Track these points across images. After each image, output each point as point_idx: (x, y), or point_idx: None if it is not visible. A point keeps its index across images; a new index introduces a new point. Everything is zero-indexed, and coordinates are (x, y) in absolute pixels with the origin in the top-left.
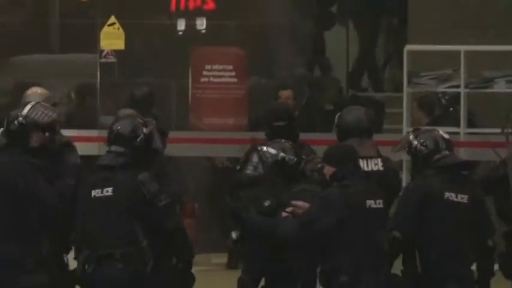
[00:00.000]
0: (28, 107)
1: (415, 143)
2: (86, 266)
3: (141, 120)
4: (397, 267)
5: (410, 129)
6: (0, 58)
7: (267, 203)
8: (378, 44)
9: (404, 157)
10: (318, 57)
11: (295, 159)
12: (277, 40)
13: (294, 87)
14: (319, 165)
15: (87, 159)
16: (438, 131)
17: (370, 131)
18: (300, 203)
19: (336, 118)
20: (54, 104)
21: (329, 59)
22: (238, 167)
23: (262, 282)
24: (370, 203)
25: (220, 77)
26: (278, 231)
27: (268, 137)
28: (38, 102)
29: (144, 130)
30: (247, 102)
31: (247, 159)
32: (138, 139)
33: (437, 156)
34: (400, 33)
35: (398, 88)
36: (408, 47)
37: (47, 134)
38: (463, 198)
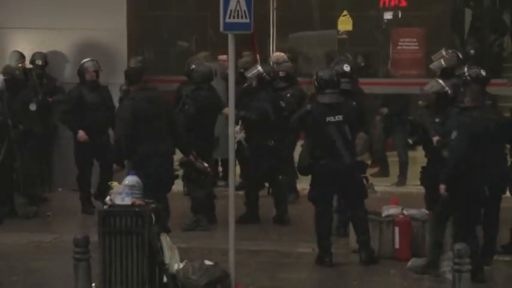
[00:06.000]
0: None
1: None
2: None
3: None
4: None
5: None
6: (284, 35)
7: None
8: None
9: None
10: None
11: (451, 92)
12: (442, 22)
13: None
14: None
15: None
16: None
17: None
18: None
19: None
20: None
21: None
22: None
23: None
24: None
25: (408, 45)
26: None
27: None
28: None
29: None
30: (424, 61)
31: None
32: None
33: None
34: None
35: None
36: None
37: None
38: None
